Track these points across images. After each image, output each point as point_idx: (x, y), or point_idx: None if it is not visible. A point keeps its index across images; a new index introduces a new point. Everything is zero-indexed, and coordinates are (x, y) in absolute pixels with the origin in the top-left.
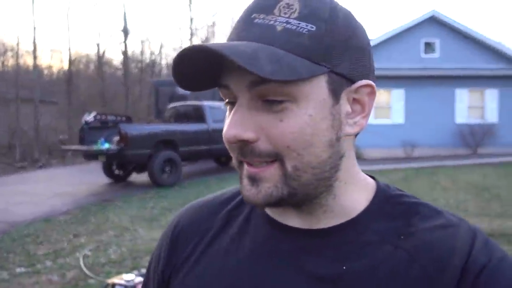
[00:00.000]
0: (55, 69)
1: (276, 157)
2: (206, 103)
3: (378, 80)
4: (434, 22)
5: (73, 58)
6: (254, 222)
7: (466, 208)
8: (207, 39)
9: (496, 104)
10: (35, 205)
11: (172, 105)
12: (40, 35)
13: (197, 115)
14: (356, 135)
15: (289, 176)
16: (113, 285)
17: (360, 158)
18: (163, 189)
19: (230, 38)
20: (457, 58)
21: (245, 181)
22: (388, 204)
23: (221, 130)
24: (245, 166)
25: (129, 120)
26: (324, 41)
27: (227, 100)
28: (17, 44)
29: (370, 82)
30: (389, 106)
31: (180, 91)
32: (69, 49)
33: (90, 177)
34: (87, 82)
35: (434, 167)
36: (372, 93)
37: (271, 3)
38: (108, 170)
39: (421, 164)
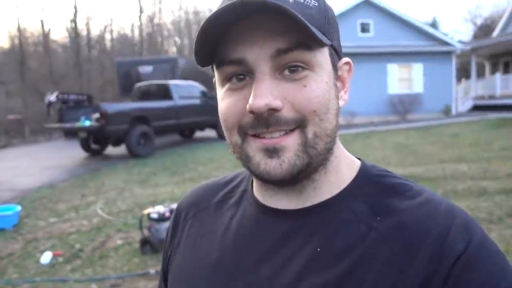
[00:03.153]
0: (0, 48)
1: (299, 124)
2: (172, 82)
3: None
4: (368, 5)
5: (23, 36)
6: (243, 205)
7: (389, 161)
8: (153, 14)
9: (421, 77)
10: (32, 176)
11: (139, 84)
12: None
13: (164, 93)
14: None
15: (308, 143)
16: (148, 214)
17: None
18: (140, 159)
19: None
20: (388, 37)
21: (259, 156)
22: (369, 184)
23: (186, 107)
24: (258, 140)
25: (90, 99)
26: (325, 16)
27: (226, 77)
28: None
29: (349, 60)
30: None
31: (142, 70)
32: (18, 27)
33: (65, 152)
34: (34, 61)
35: (369, 132)
36: (350, 70)
37: None
38: (85, 145)
39: (359, 130)
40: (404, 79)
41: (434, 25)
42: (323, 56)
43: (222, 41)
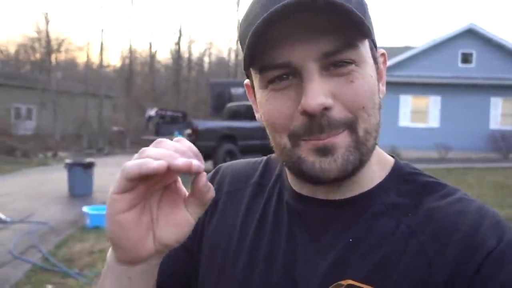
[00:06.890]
0: (113, 66)
1: (349, 125)
2: None
3: (417, 87)
4: (471, 34)
5: (133, 56)
6: (277, 191)
7: (485, 200)
8: None
9: None
10: None
11: (230, 104)
12: (106, 35)
13: (252, 114)
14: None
15: (360, 141)
16: None
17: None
18: None
19: None
20: (492, 68)
21: (313, 156)
22: (402, 181)
23: None
24: (309, 142)
25: (185, 116)
26: (364, 8)
27: (269, 80)
28: (87, 45)
29: (384, 51)
30: (427, 111)
31: (235, 92)
32: (130, 48)
33: None
34: (140, 79)
35: (464, 168)
36: (385, 62)
37: None
38: None
39: (453, 165)
40: (509, 114)
41: None
42: (366, 50)
43: (262, 43)
